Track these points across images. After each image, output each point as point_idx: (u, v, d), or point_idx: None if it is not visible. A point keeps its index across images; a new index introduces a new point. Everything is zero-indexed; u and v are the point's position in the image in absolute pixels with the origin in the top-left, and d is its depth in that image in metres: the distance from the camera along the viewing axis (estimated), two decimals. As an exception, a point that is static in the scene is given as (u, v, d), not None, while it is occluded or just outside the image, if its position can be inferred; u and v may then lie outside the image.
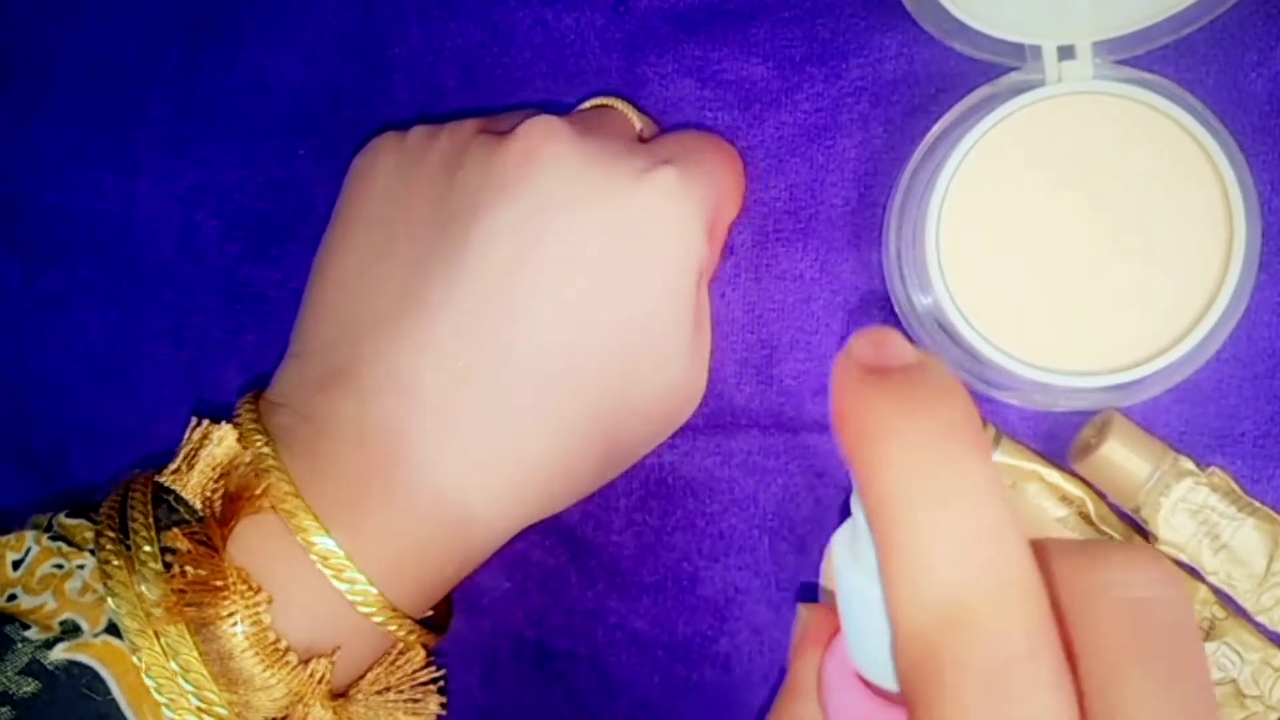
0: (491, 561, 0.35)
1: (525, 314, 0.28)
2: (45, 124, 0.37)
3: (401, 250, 0.30)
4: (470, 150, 0.30)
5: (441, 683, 0.31)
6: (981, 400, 0.33)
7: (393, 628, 0.29)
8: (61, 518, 0.29)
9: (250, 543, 0.28)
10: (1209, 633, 0.32)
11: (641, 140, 0.33)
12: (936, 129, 0.33)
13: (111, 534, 0.28)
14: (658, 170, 0.29)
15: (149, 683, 0.26)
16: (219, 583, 0.27)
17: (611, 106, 0.34)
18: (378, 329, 0.29)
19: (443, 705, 0.31)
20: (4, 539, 0.29)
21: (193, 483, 0.29)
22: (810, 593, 0.34)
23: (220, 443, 0.29)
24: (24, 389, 0.38)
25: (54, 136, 0.37)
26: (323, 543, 0.28)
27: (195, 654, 0.27)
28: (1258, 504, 0.32)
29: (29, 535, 0.29)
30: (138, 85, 0.37)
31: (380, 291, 0.30)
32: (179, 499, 0.29)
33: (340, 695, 0.29)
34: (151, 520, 0.28)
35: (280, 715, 0.28)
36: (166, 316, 0.37)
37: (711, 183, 0.31)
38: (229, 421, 0.30)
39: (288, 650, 0.27)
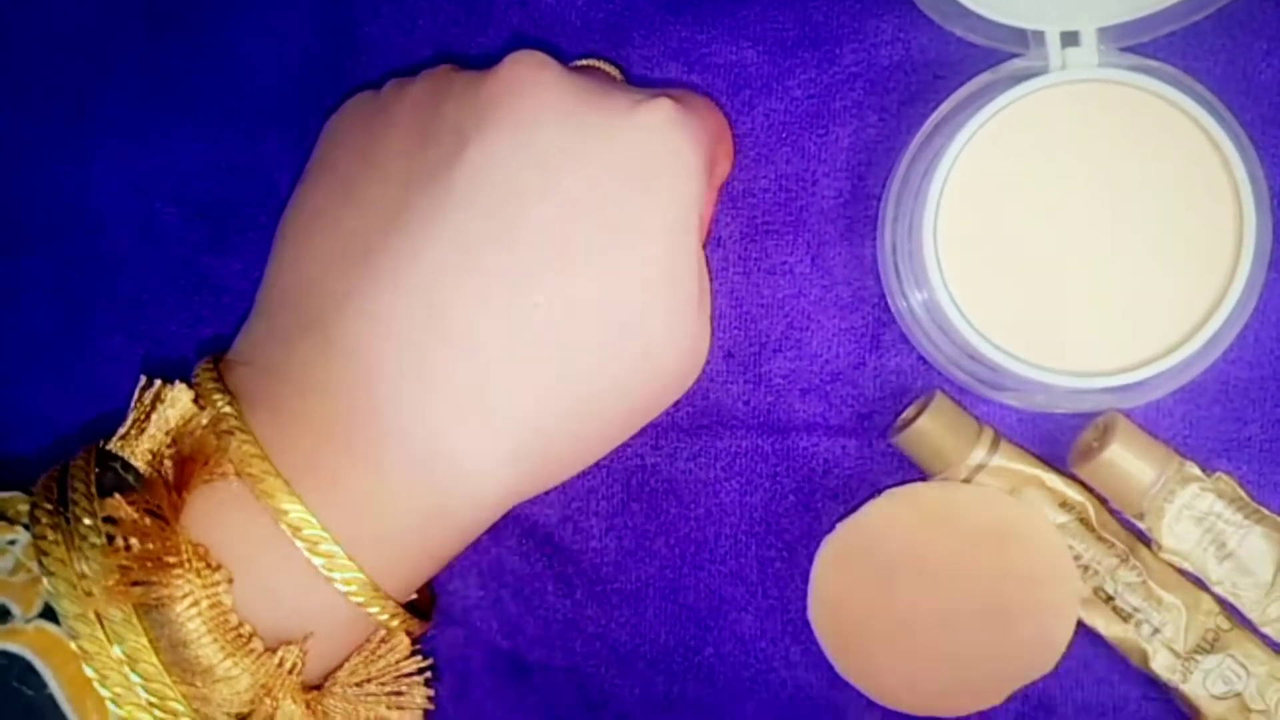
0: (463, 568, 0.34)
1: (517, 250, 0.26)
2: (-4, 105, 0.36)
3: (376, 187, 0.28)
4: (452, 86, 0.28)
5: (429, 674, 0.28)
6: (980, 401, 0.33)
7: (374, 610, 0.26)
8: None
9: (207, 513, 0.25)
10: (1214, 645, 0.31)
11: None
12: (934, 117, 0.32)
13: (49, 505, 0.25)
14: (654, 100, 0.27)
15: (90, 673, 0.24)
16: (170, 559, 0.24)
17: (596, 65, 0.33)
18: (350, 270, 0.27)
19: (430, 698, 0.28)
20: None
21: (142, 448, 0.26)
22: (799, 602, 0.33)
23: (174, 403, 0.26)
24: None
25: (6, 118, 0.36)
26: (294, 511, 0.25)
27: (144, 640, 0.24)
28: (1265, 511, 0.31)
29: None
30: (97, 65, 0.36)
31: (353, 230, 0.27)
32: (127, 466, 0.26)
33: (314, 688, 0.27)
34: (93, 490, 0.25)
35: (245, 710, 0.25)
36: (121, 309, 0.35)
37: (707, 122, 0.29)
38: (185, 381, 0.27)
39: (252, 636, 0.25)
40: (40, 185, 0.36)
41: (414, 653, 0.28)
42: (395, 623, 0.27)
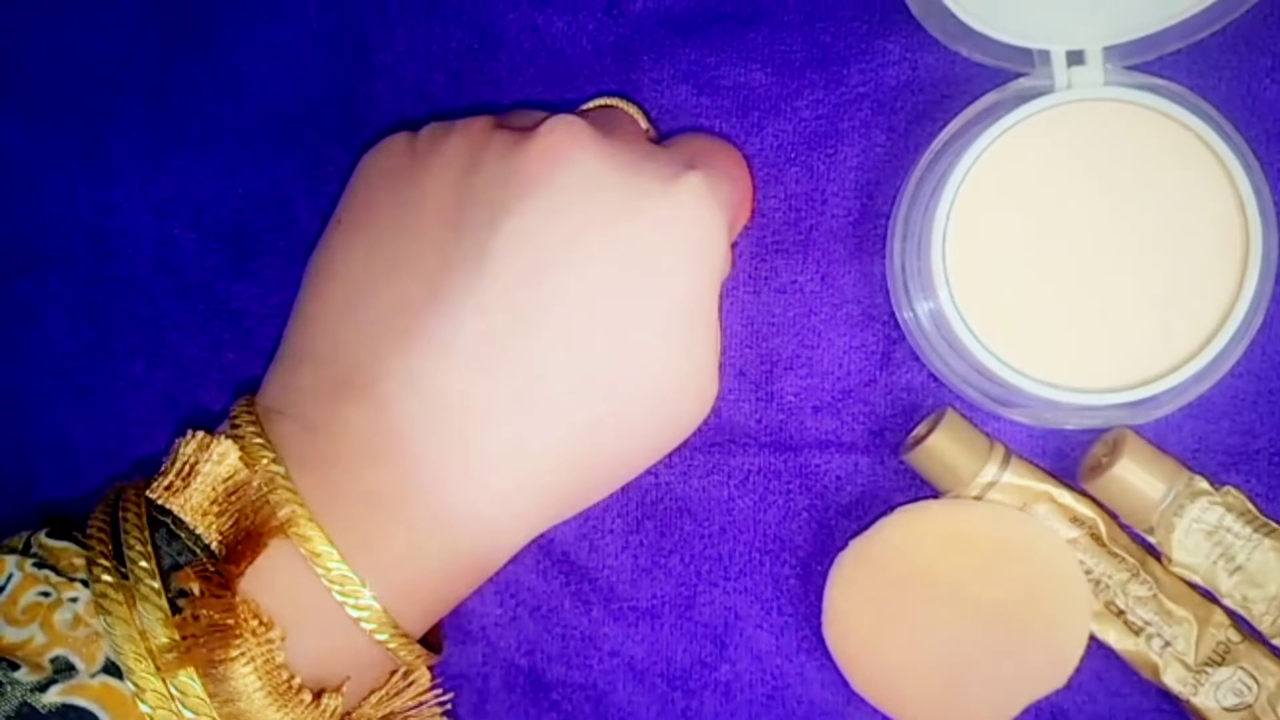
0: (482, 587, 0.34)
1: (552, 321, 0.27)
2: (15, 130, 0.36)
3: (414, 250, 0.28)
4: (489, 148, 0.29)
5: (449, 705, 0.30)
6: (989, 418, 0.33)
7: (403, 653, 0.28)
8: (42, 538, 0.27)
9: (256, 570, 0.26)
10: (1224, 657, 0.31)
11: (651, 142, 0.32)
12: (942, 137, 0.32)
13: (106, 563, 0.26)
14: (686, 176, 0.28)
15: None
16: (229, 621, 0.25)
17: (616, 107, 0.33)
18: (391, 332, 0.28)
19: None
20: None
21: (193, 503, 0.27)
22: (813, 618, 0.33)
23: (222, 460, 0.27)
24: (-7, 405, 0.36)
25: (24, 143, 0.36)
26: (339, 570, 0.26)
27: (205, 697, 0.25)
28: (1274, 524, 0.31)
29: (9, 560, 0.27)
30: (112, 90, 0.36)
31: (392, 293, 0.28)
32: (177, 521, 0.27)
33: None
34: (150, 549, 0.26)
35: None
36: (141, 332, 0.36)
37: (730, 187, 0.30)
38: (225, 434, 0.28)
39: (301, 688, 0.26)
40: (60, 209, 0.36)
41: (433, 685, 0.30)
42: (418, 660, 0.28)
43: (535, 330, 0.27)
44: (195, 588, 0.26)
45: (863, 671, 0.32)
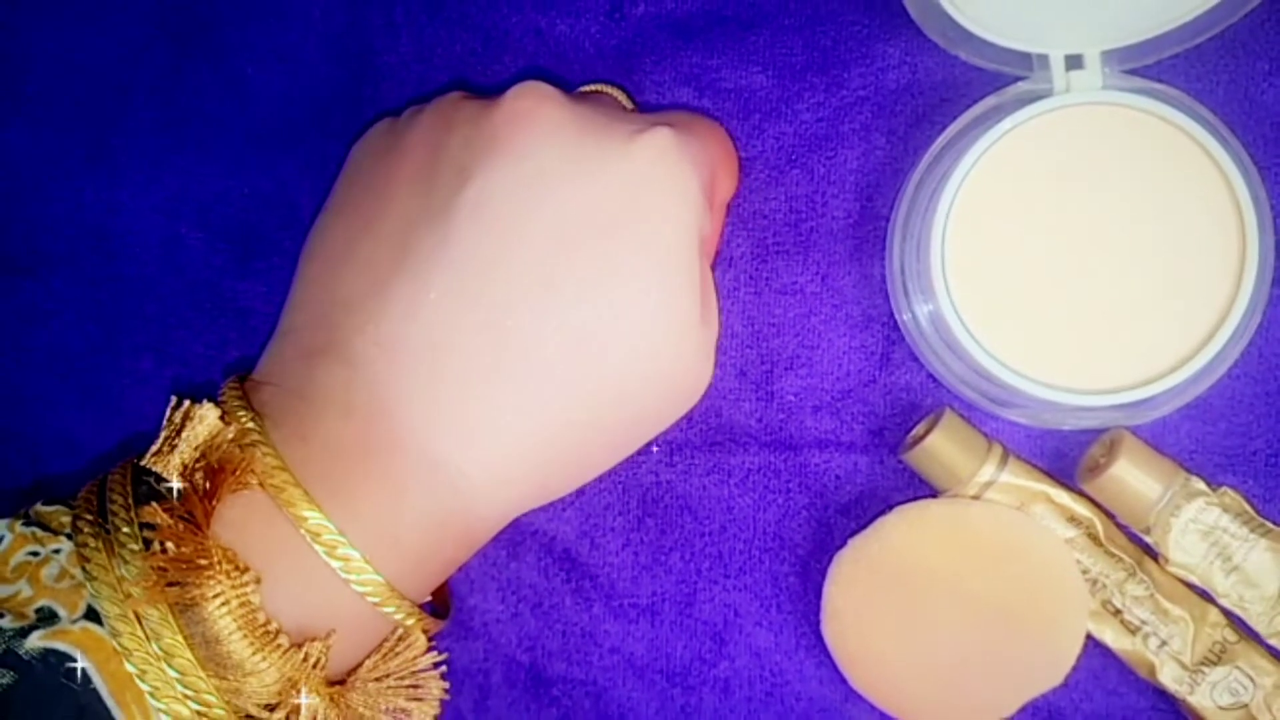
0: (483, 582, 0.34)
1: (518, 280, 0.27)
2: (22, 132, 0.36)
3: (389, 218, 0.29)
4: (458, 115, 0.29)
5: (444, 668, 0.30)
6: (988, 418, 0.33)
7: (390, 609, 0.28)
8: (38, 505, 0.28)
9: (236, 521, 0.27)
10: (1220, 657, 0.31)
11: None
12: (941, 140, 0.32)
13: (89, 516, 0.27)
14: (652, 130, 0.28)
15: (131, 669, 0.25)
16: (203, 561, 0.26)
17: (603, 91, 0.33)
18: (366, 296, 0.28)
19: (445, 690, 0.30)
20: None
21: (174, 462, 0.28)
22: (812, 615, 0.33)
23: (202, 421, 0.28)
24: (1, 404, 0.37)
25: (31, 145, 0.36)
26: (313, 518, 0.26)
27: (179, 638, 0.25)
28: (1270, 524, 0.31)
29: (1, 523, 0.28)
30: (118, 92, 0.36)
31: (367, 260, 0.29)
32: (160, 479, 0.27)
33: (337, 683, 0.28)
34: (131, 501, 0.27)
35: (273, 702, 0.26)
36: (148, 331, 0.36)
37: (706, 145, 0.30)
38: (212, 400, 0.29)
39: (278, 632, 0.26)
40: (67, 209, 0.36)
41: (430, 649, 0.29)
42: (411, 621, 0.28)
43: (502, 288, 0.27)
44: (162, 520, 0.26)
45: (861, 670, 0.32)
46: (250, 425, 0.27)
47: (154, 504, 0.26)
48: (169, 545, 0.26)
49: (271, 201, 0.36)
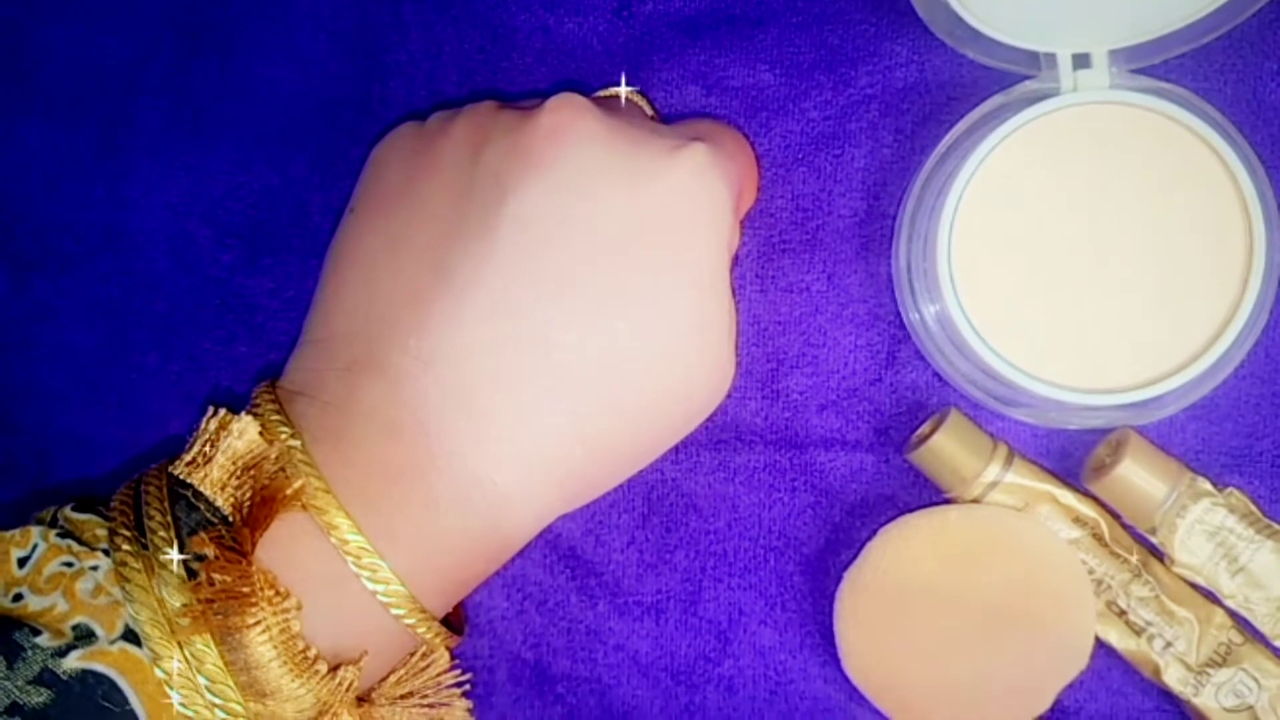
0: (489, 580, 0.34)
1: (559, 295, 0.27)
2: (32, 129, 0.37)
3: (425, 230, 0.29)
4: (494, 127, 0.29)
5: (467, 686, 0.30)
6: (994, 417, 0.33)
7: (421, 629, 0.28)
8: (67, 511, 0.28)
9: (274, 542, 0.26)
10: (1226, 658, 0.31)
11: None
12: (948, 138, 0.32)
13: (127, 533, 0.27)
14: (689, 146, 0.28)
15: (174, 695, 0.25)
16: (245, 589, 0.26)
17: (622, 96, 0.33)
18: (404, 311, 0.28)
19: (469, 710, 0.30)
20: (8, 534, 0.27)
21: (213, 477, 0.27)
22: (816, 614, 0.33)
23: (241, 435, 0.28)
24: (10, 400, 0.37)
25: (41, 142, 0.37)
26: (355, 541, 0.26)
27: (221, 665, 0.25)
28: (1276, 526, 0.31)
29: (35, 531, 0.27)
30: (127, 90, 0.36)
31: (404, 273, 0.29)
32: (197, 494, 0.27)
33: (361, 700, 0.28)
34: (170, 519, 0.27)
35: None
36: (157, 327, 0.36)
37: (732, 163, 0.30)
38: (247, 411, 0.29)
39: (317, 659, 0.26)
40: (76, 207, 0.36)
41: (453, 666, 0.30)
42: (438, 639, 0.28)
43: (543, 303, 0.27)
44: (210, 552, 0.26)
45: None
46: (293, 444, 0.27)
47: (203, 534, 0.26)
48: (215, 576, 0.26)
49: (280, 199, 0.36)
